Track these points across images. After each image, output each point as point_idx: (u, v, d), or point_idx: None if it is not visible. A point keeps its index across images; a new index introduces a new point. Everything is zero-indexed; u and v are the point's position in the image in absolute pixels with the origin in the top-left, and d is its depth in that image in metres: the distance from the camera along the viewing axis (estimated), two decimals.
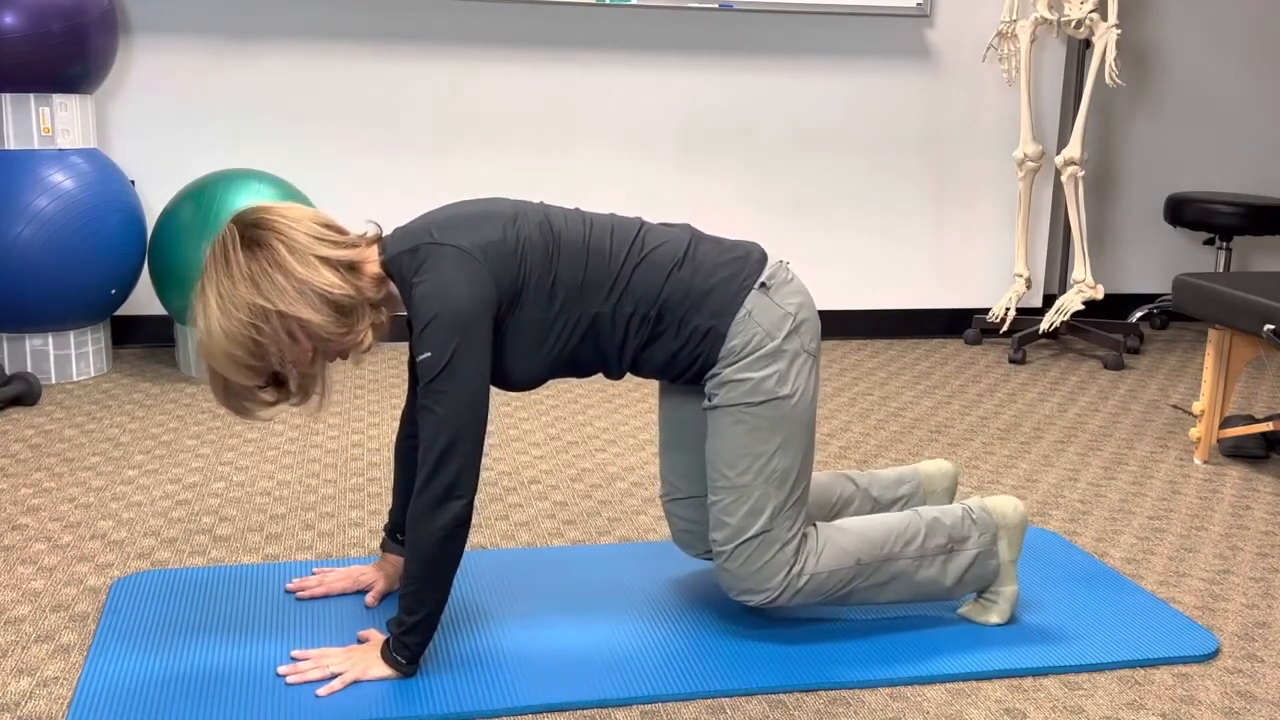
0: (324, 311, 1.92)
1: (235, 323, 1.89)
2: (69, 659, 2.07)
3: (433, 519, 1.92)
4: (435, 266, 1.95)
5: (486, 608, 2.28)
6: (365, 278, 1.98)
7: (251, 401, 1.99)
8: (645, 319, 2.06)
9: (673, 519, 2.32)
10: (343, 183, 4.33)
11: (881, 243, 4.82)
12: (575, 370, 2.12)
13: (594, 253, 2.05)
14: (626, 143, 4.55)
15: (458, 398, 1.91)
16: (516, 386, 2.09)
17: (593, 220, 2.09)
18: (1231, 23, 5.14)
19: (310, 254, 1.92)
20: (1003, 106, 4.79)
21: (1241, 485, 3.13)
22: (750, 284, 2.08)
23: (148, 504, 2.80)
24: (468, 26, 4.35)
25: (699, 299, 2.06)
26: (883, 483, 2.42)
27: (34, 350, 3.77)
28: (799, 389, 2.08)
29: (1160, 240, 5.26)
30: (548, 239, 2.03)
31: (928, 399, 3.93)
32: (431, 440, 1.92)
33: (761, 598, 2.09)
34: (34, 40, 3.57)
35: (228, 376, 1.93)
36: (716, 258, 2.10)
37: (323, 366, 2.03)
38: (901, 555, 2.15)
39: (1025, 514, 2.24)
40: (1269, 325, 2.91)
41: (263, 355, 1.92)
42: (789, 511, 2.08)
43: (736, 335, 2.06)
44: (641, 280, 2.05)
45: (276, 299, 1.89)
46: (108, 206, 3.74)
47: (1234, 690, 2.07)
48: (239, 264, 1.90)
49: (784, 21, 4.57)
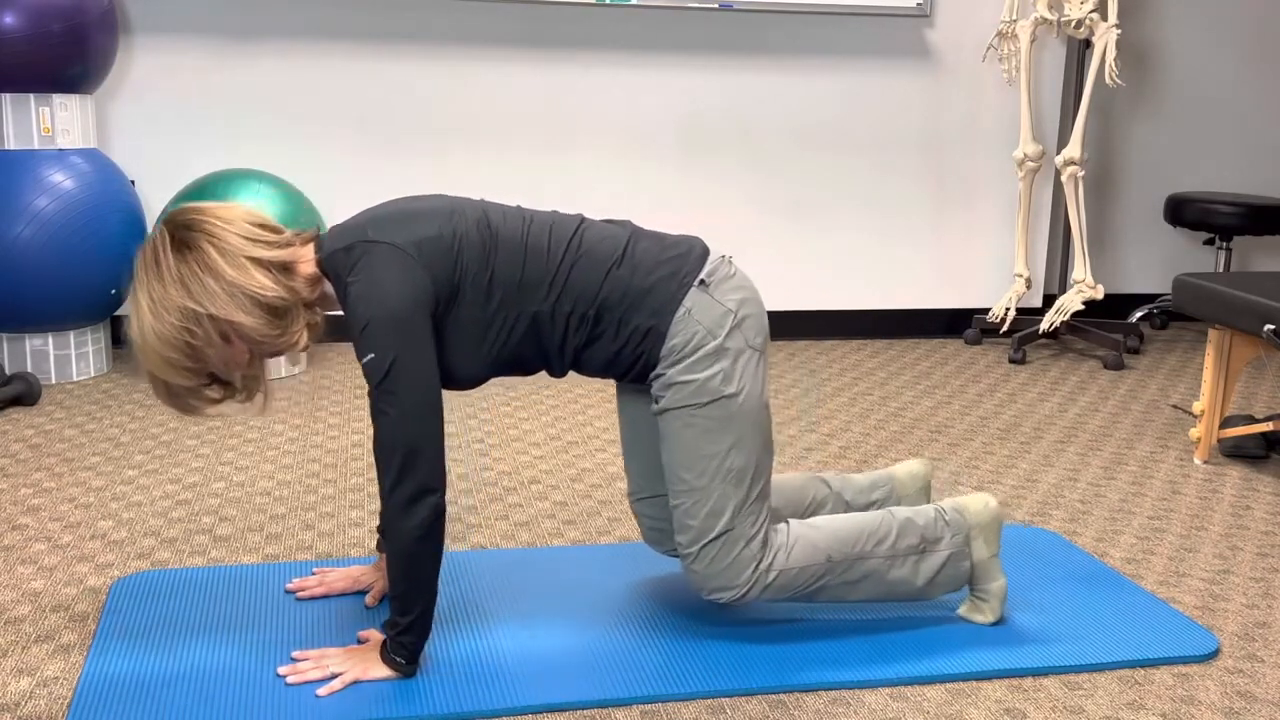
0: (256, 314, 1.91)
1: (167, 326, 1.88)
2: (69, 659, 2.07)
3: (407, 519, 1.92)
4: (369, 264, 1.93)
5: (486, 608, 2.28)
6: (299, 278, 1.97)
7: (196, 400, 1.99)
8: (584, 318, 2.04)
9: (640, 518, 2.32)
10: (343, 183, 4.33)
11: (881, 243, 4.82)
12: (518, 369, 2.10)
13: (532, 250, 2.02)
14: (626, 143, 4.55)
15: (409, 396, 1.91)
16: (458, 385, 2.08)
17: (532, 217, 2.07)
18: (1231, 23, 5.14)
19: (242, 256, 1.91)
20: (1003, 106, 4.79)
21: (1241, 485, 3.13)
22: (690, 281, 2.05)
23: (148, 504, 2.80)
24: (468, 26, 4.35)
25: (638, 298, 2.04)
26: (856, 488, 2.41)
27: (34, 350, 3.77)
28: (745, 386, 2.06)
29: (1160, 240, 5.26)
30: (485, 236, 2.01)
31: (928, 399, 3.93)
32: (391, 442, 1.91)
33: (731, 594, 2.08)
34: (34, 40, 3.57)
35: (165, 379, 1.93)
36: (656, 255, 2.07)
37: (262, 366, 2.02)
38: (873, 554, 2.14)
39: (998, 509, 2.23)
40: (1269, 325, 2.91)
41: (197, 357, 1.91)
42: (750, 508, 2.07)
43: (677, 334, 2.04)
44: (580, 279, 2.03)
45: (207, 302, 1.88)
46: (108, 206, 3.74)
47: (1234, 690, 2.07)
48: (169, 267, 1.89)
49: (784, 21, 4.57)
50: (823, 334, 4.81)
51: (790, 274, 4.74)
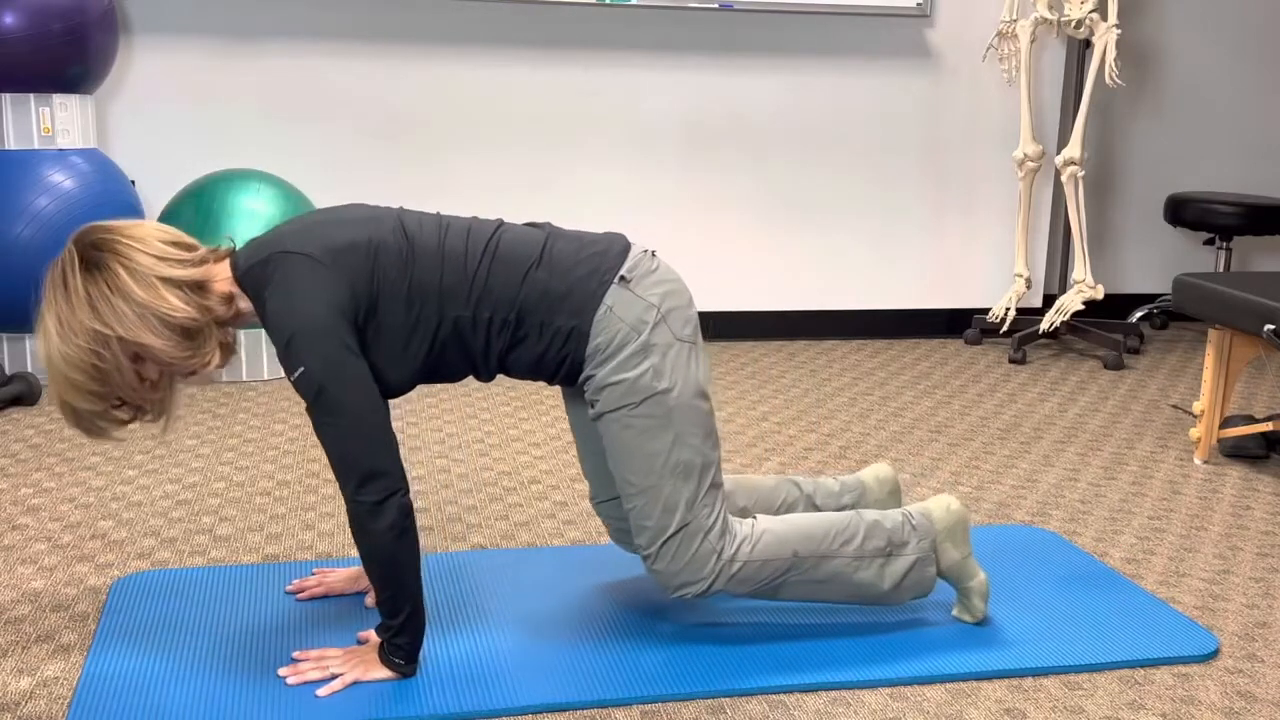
0: (166, 335, 1.87)
1: (75, 349, 1.85)
2: (69, 659, 2.07)
3: (376, 522, 1.90)
4: (285, 278, 1.91)
5: (486, 608, 2.28)
6: (213, 296, 1.93)
7: (104, 422, 1.94)
8: (505, 322, 2.02)
9: (605, 519, 2.32)
10: (343, 183, 4.33)
11: (882, 243, 4.82)
12: (444, 375, 2.08)
13: (449, 256, 2.00)
14: (626, 143, 4.55)
15: (348, 404, 1.89)
16: (386, 392, 2.03)
17: (449, 224, 2.06)
18: (1231, 23, 5.14)
19: (152, 276, 1.87)
20: (1003, 106, 4.79)
21: (1241, 485, 3.13)
22: (609, 279, 2.03)
23: (148, 504, 2.80)
24: (468, 26, 4.35)
25: (557, 299, 2.02)
26: (826, 492, 2.40)
27: (34, 350, 3.76)
28: (678, 380, 2.04)
29: (1160, 240, 5.26)
30: (401, 244, 1.99)
31: (928, 399, 3.93)
32: (341, 454, 1.89)
33: (697, 588, 2.08)
34: (34, 40, 3.57)
35: (74, 404, 1.89)
36: (575, 255, 2.06)
37: (171, 387, 1.97)
38: (839, 554, 2.13)
39: (961, 510, 2.21)
40: (1269, 325, 2.91)
41: (105, 381, 1.87)
42: (704, 500, 2.06)
43: (600, 333, 2.02)
44: (498, 283, 2.01)
45: (116, 324, 1.84)
46: (108, 206, 3.73)
47: (1234, 690, 2.07)
48: (76, 288, 1.85)
49: (784, 21, 4.56)
50: (823, 334, 4.81)
51: (790, 274, 4.74)
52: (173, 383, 1.98)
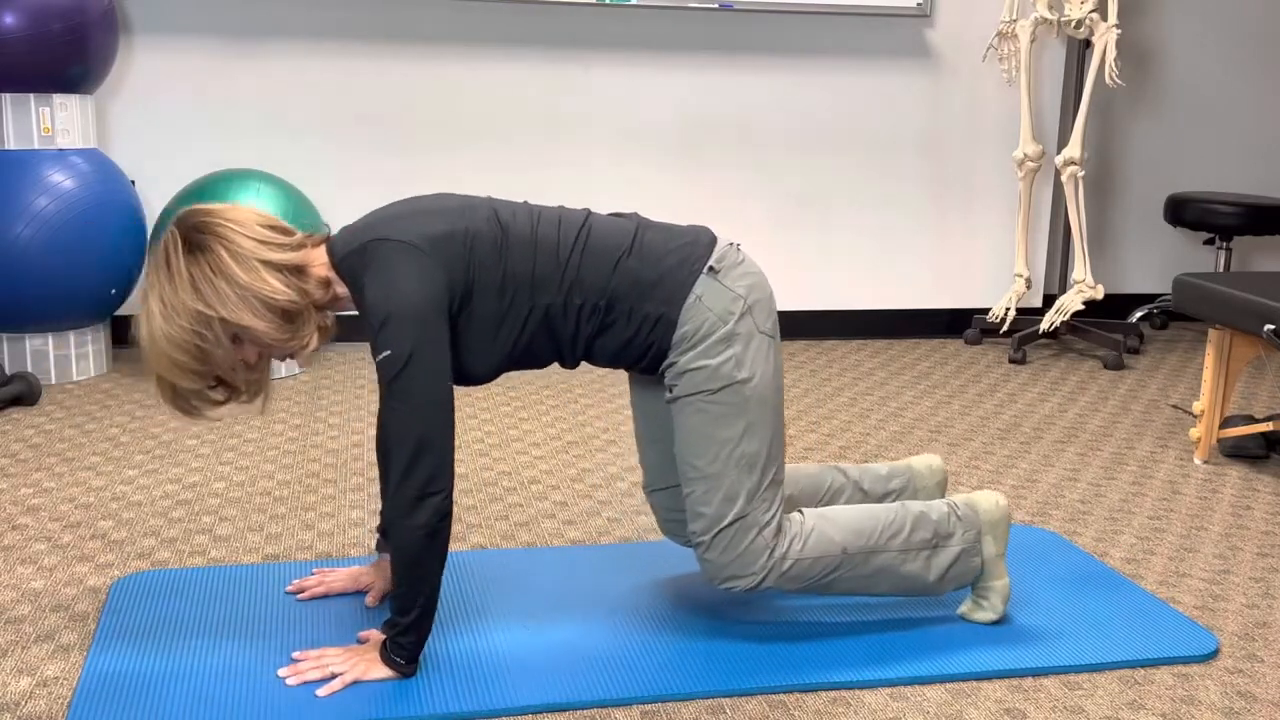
0: (267, 317, 1.91)
1: (178, 329, 1.87)
2: (69, 659, 2.07)
3: (412, 517, 1.91)
4: (385, 264, 1.93)
5: (486, 608, 2.28)
6: (311, 280, 1.96)
7: (200, 401, 1.98)
8: (596, 309, 2.04)
9: (656, 509, 2.33)
10: (343, 183, 4.33)
11: (881, 243, 4.82)
12: (530, 362, 2.10)
13: (542, 245, 2.03)
14: (626, 143, 4.55)
15: (422, 393, 1.90)
16: (471, 380, 2.08)
17: (540, 213, 2.08)
18: (1231, 23, 5.14)
19: (254, 259, 1.90)
20: (1003, 106, 4.79)
21: (1241, 485, 3.13)
22: (698, 269, 2.06)
23: (148, 504, 2.80)
24: (468, 26, 4.35)
25: (648, 287, 2.05)
26: (873, 476, 2.42)
27: (34, 350, 3.77)
28: (757, 371, 2.06)
29: (1160, 240, 5.26)
30: (495, 233, 2.01)
31: (928, 399, 3.93)
32: (401, 438, 1.91)
33: (745, 583, 2.08)
34: (34, 40, 3.57)
35: (174, 382, 1.92)
36: (664, 244, 2.08)
37: (268, 367, 2.02)
38: (887, 548, 2.14)
39: (1007, 508, 2.24)
40: (1269, 325, 2.91)
41: (207, 360, 1.91)
42: (764, 494, 2.07)
43: (687, 321, 2.05)
44: (590, 271, 2.03)
45: (219, 306, 1.88)
46: (108, 206, 3.74)
47: (1234, 690, 2.07)
48: (180, 270, 1.88)
49: (784, 21, 4.57)
50: (823, 334, 4.81)
51: (790, 274, 4.74)
52: (269, 365, 2.02)
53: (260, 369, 2.00)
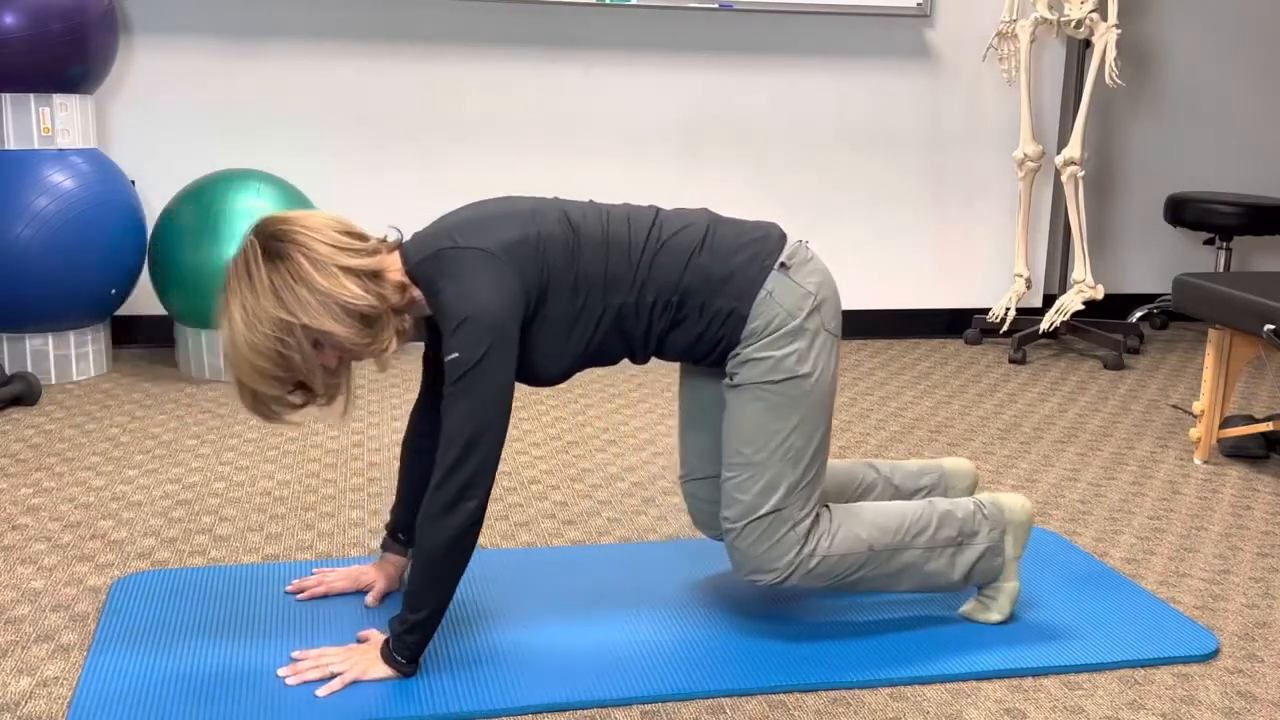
0: (347, 322, 1.93)
1: (260, 336, 1.89)
2: (69, 659, 2.07)
3: (445, 517, 1.92)
4: (461, 271, 1.95)
5: (486, 608, 2.28)
6: (388, 285, 1.98)
7: (280, 406, 2.00)
8: (668, 305, 2.06)
9: (692, 499, 2.33)
10: (342, 183, 4.33)
11: (881, 242, 4.82)
12: (602, 360, 2.12)
13: (614, 244, 2.05)
14: (626, 143, 4.55)
15: (483, 398, 1.92)
16: (544, 381, 2.10)
17: (609, 212, 2.10)
18: (1231, 23, 5.14)
19: (332, 265, 1.91)
20: (1003, 106, 4.79)
21: (1241, 485, 3.13)
22: (770, 264, 2.08)
23: (148, 504, 2.80)
24: (468, 26, 4.35)
25: (720, 283, 2.07)
26: (905, 472, 2.43)
27: (34, 350, 3.77)
28: (819, 368, 2.09)
29: (1160, 240, 5.26)
30: (567, 234, 2.03)
31: (928, 399, 3.93)
32: (452, 437, 1.92)
33: (771, 577, 2.09)
34: (34, 40, 3.57)
35: (255, 388, 1.94)
36: (736, 240, 2.10)
37: (348, 371, 2.04)
38: (913, 545, 2.15)
39: (1033, 511, 2.26)
40: (1269, 325, 2.91)
41: (288, 366, 1.93)
42: (803, 491, 2.09)
43: (758, 316, 2.07)
44: (662, 268, 2.05)
45: (300, 312, 1.89)
46: (108, 206, 3.74)
47: (1234, 690, 2.07)
48: (261, 278, 1.90)
49: (784, 21, 4.57)
50: None
51: None
52: (349, 368, 2.03)
53: (339, 373, 2.01)
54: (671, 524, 2.76)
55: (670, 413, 3.67)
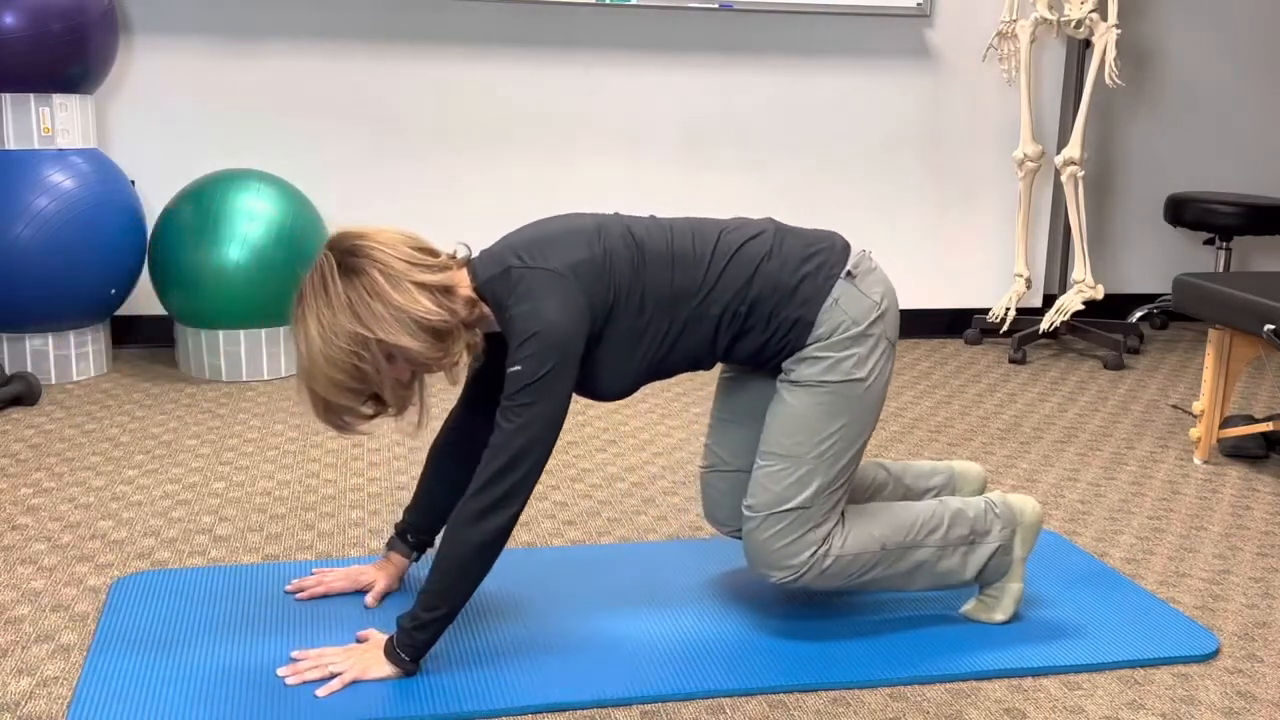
0: (421, 337, 1.94)
1: (336, 350, 1.91)
2: (69, 659, 2.07)
3: (479, 523, 1.94)
4: (530, 291, 1.97)
5: (486, 608, 2.28)
6: (458, 300, 2.00)
7: (352, 416, 2.02)
8: (735, 315, 2.08)
9: (710, 490, 2.34)
10: (343, 183, 4.33)
11: (881, 243, 4.81)
12: (667, 372, 2.14)
13: (679, 259, 2.07)
14: (626, 142, 4.55)
15: (539, 414, 1.94)
16: (608, 396, 2.11)
17: (673, 225, 2.12)
18: (1231, 23, 5.14)
19: (406, 280, 1.93)
20: (1003, 106, 4.79)
21: (1241, 485, 3.13)
22: (836, 273, 2.10)
23: (148, 504, 2.80)
24: (468, 26, 4.35)
25: (788, 292, 2.08)
26: (916, 472, 2.45)
27: (34, 350, 3.77)
28: (875, 374, 2.10)
29: (1160, 240, 5.26)
30: (632, 251, 2.05)
31: (928, 399, 3.93)
32: (500, 447, 1.94)
33: (784, 575, 2.10)
34: (34, 40, 3.57)
35: (330, 399, 1.96)
36: (803, 250, 2.12)
37: (421, 384, 2.05)
38: (925, 544, 2.16)
39: (1042, 514, 2.27)
40: (1269, 325, 2.91)
41: (363, 379, 1.95)
42: (831, 494, 2.10)
43: (823, 324, 2.09)
44: (729, 278, 2.07)
45: (376, 327, 1.91)
46: (108, 206, 3.74)
47: (1234, 690, 2.07)
48: (337, 293, 1.92)
49: (784, 21, 4.56)
50: None
51: None
52: (422, 381, 2.05)
53: (411, 385, 2.03)
54: (671, 524, 2.76)
55: (671, 413, 3.67)
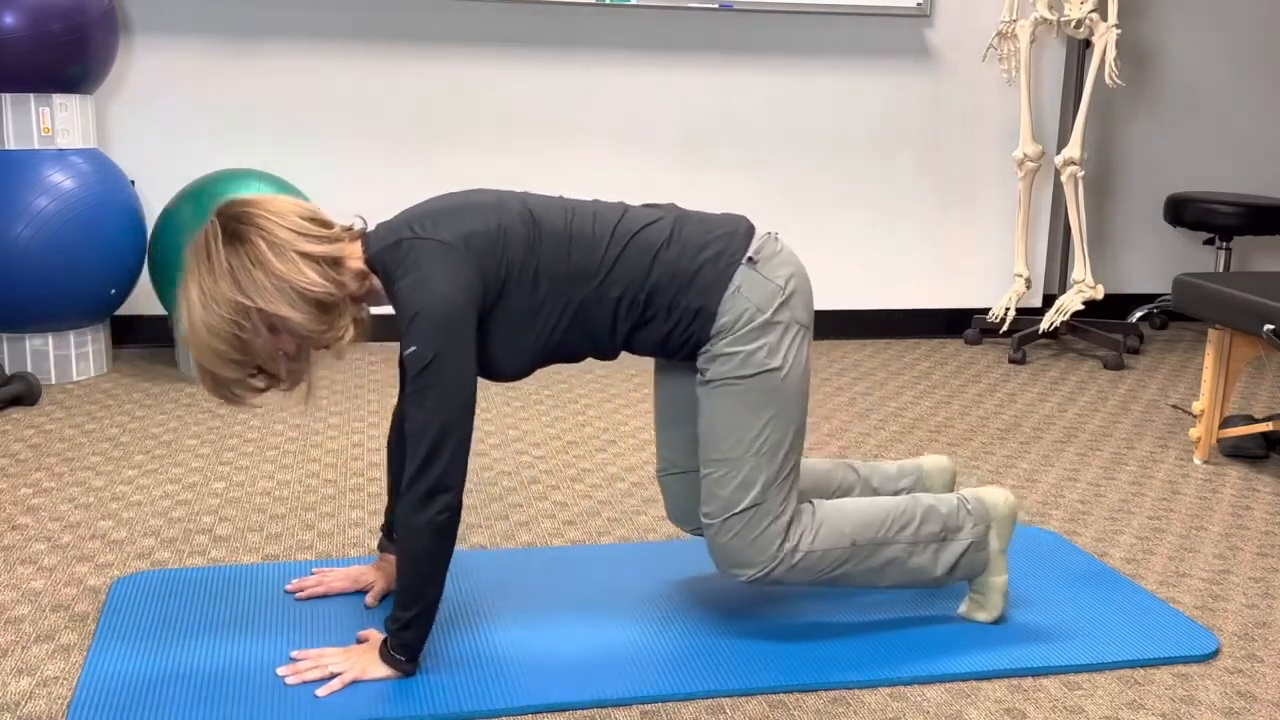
0: (303, 308, 1.92)
1: (217, 319, 1.89)
2: (69, 659, 2.07)
3: (422, 512, 1.92)
4: (418, 261, 1.94)
5: (486, 608, 2.28)
6: (347, 273, 1.98)
7: (241, 389, 1.99)
8: (634, 302, 2.05)
9: (669, 494, 2.32)
10: (342, 183, 4.33)
11: (881, 243, 4.82)
12: (566, 356, 2.11)
13: (577, 239, 2.03)
14: (626, 143, 4.55)
15: (446, 391, 1.91)
16: (504, 376, 2.08)
17: (574, 207, 2.09)
18: (1231, 23, 5.14)
19: (291, 249, 1.91)
20: (1003, 106, 4.79)
21: (1241, 485, 3.13)
22: (738, 259, 2.07)
23: (148, 504, 2.80)
24: (468, 26, 4.35)
25: (687, 279, 2.05)
26: (883, 475, 2.42)
27: (34, 350, 3.77)
28: (790, 361, 2.07)
29: (1160, 240, 5.26)
30: (529, 227, 2.02)
31: (928, 399, 3.93)
32: (420, 433, 1.91)
33: (754, 572, 2.08)
34: (34, 40, 3.57)
35: (214, 370, 1.94)
36: (703, 236, 2.08)
37: (308, 358, 2.03)
38: (896, 540, 2.14)
39: (1015, 504, 2.24)
40: (1269, 325, 2.91)
41: (246, 349, 1.92)
42: (781, 484, 2.08)
43: (726, 312, 2.05)
44: (628, 264, 2.04)
45: (256, 296, 1.89)
46: (108, 206, 3.74)
47: (1234, 690, 2.07)
48: (219, 260, 1.90)
49: (783, 21, 4.57)
50: (823, 334, 4.80)
51: None
52: (309, 355, 2.03)
53: (300, 359, 2.01)
54: (671, 524, 2.76)
55: None
